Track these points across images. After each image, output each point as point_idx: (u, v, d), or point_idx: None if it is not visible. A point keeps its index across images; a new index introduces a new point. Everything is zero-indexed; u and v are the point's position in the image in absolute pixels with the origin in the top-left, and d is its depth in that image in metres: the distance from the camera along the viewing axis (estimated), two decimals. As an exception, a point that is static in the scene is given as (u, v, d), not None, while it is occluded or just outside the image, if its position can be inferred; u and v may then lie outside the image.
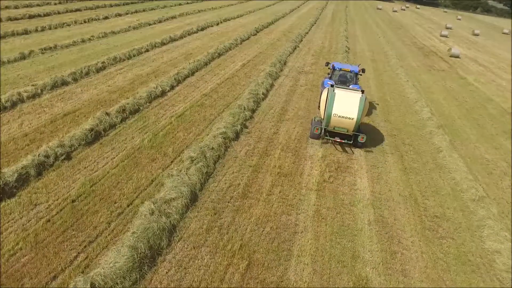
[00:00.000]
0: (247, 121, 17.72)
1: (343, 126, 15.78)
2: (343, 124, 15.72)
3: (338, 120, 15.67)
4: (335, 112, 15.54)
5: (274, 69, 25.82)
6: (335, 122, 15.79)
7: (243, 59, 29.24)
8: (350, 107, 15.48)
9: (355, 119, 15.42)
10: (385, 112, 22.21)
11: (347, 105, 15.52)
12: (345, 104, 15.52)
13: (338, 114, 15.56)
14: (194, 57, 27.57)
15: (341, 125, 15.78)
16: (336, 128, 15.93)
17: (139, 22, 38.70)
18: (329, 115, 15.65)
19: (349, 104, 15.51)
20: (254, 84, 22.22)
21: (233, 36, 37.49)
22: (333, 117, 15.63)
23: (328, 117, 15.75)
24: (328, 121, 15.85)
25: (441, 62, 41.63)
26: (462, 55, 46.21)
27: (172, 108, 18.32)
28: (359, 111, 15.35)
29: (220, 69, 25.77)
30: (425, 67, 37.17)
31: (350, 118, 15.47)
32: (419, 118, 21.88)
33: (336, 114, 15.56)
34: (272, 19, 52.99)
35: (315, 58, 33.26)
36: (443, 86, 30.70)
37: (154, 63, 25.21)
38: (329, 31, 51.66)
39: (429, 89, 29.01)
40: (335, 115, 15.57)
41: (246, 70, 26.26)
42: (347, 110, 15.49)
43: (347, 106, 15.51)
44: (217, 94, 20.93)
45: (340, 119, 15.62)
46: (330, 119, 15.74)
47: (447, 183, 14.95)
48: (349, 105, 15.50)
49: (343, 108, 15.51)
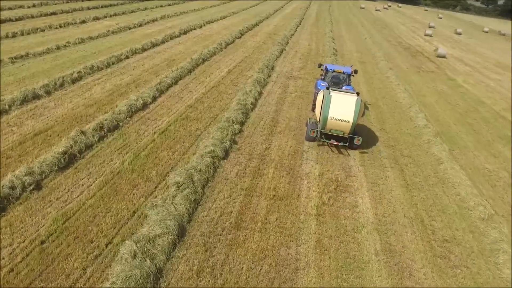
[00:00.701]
0: (236, 135, 16.48)
1: (339, 128, 15.76)
2: (339, 126, 15.70)
3: (334, 122, 15.64)
4: (331, 115, 15.47)
5: (261, 75, 24.61)
6: (331, 125, 15.74)
7: (228, 65, 27.95)
8: (346, 110, 15.41)
9: (351, 122, 15.37)
10: (380, 120, 21.28)
11: (343, 107, 15.43)
12: (341, 107, 15.44)
13: (334, 117, 15.50)
14: (177, 63, 26.14)
15: (337, 127, 15.75)
16: (332, 130, 15.90)
17: (118, 26, 36.96)
18: (325, 118, 15.58)
19: (345, 106, 15.44)
20: (242, 92, 20.99)
21: (217, 39, 36.13)
22: (329, 119, 15.56)
23: (324, 120, 15.68)
24: (324, 123, 15.78)
25: (428, 62, 41.18)
26: (448, 55, 45.92)
27: (154, 122, 16.92)
28: (355, 113, 15.27)
29: (205, 76, 24.43)
30: (413, 69, 36.56)
31: (346, 120, 15.43)
32: (414, 125, 21.02)
33: (332, 117, 15.49)
34: (256, 21, 51.79)
35: (303, 62, 32.19)
36: (434, 89, 30.06)
37: (135, 71, 23.69)
38: (314, 32, 50.75)
39: (420, 92, 28.28)
40: (331, 117, 15.51)
41: (233, 77, 24.99)
42: (343, 112, 15.42)
43: (343, 108, 15.43)
44: (202, 105, 19.61)
45: (336, 121, 15.59)
46: (326, 122, 15.69)
47: (452, 200, 14.03)
48: (345, 107, 15.43)
49: (339, 111, 15.44)
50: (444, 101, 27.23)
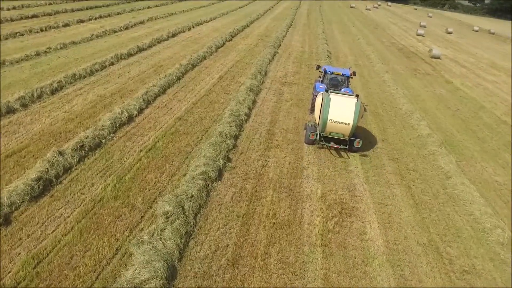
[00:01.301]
0: (230, 151, 15.20)
1: (339, 131, 15.72)
2: (339, 129, 15.65)
3: (334, 125, 15.59)
4: (331, 117, 15.42)
5: (255, 82, 23.35)
6: (331, 128, 15.70)
7: (219, 70, 26.61)
8: (345, 113, 15.35)
9: (351, 124, 15.33)
10: (381, 129, 20.18)
11: (342, 110, 15.39)
12: (341, 110, 15.39)
13: (334, 120, 15.44)
14: (165, 70, 24.73)
15: (337, 130, 15.71)
16: (332, 133, 15.85)
17: (103, 29, 35.34)
18: (324, 120, 15.51)
19: (345, 109, 15.39)
20: (235, 102, 19.70)
21: (207, 42, 34.74)
22: (329, 122, 15.52)
23: (323, 123, 15.62)
24: (324, 126, 15.72)
25: (423, 64, 40.36)
26: (442, 55, 45.16)
27: (141, 138, 15.55)
28: (355, 116, 15.24)
29: (195, 84, 23.07)
30: (410, 71, 35.65)
31: (346, 123, 15.39)
32: (417, 134, 19.98)
33: (332, 119, 15.44)
34: (247, 22, 50.47)
35: (297, 66, 31.00)
36: (432, 93, 29.13)
37: (120, 80, 22.23)
38: (307, 33, 49.63)
39: (419, 97, 27.31)
40: (331, 120, 15.46)
41: (224, 84, 23.68)
42: (343, 115, 15.36)
43: (343, 111, 15.38)
44: (193, 116, 18.28)
45: (336, 124, 15.54)
46: (326, 124, 15.62)
47: (465, 221, 12.95)
48: (345, 110, 15.38)
49: (339, 113, 15.38)
50: (444, 106, 26.30)
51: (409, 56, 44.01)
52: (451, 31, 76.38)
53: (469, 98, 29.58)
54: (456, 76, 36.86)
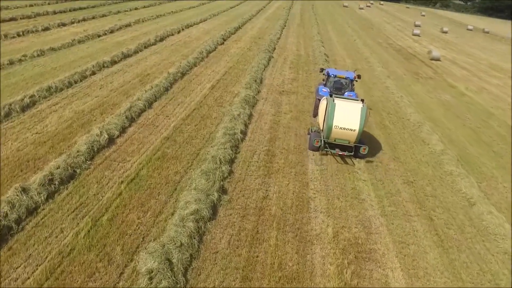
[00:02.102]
0: (225, 180, 13.23)
1: (344, 137, 15.28)
2: (344, 135, 15.22)
3: (339, 132, 15.15)
4: (336, 123, 14.97)
5: (250, 93, 21.39)
6: (336, 134, 15.25)
7: (211, 79, 24.58)
8: (351, 118, 14.90)
9: (357, 130, 14.91)
10: (390, 145, 18.37)
11: (348, 116, 14.92)
12: (346, 115, 14.92)
13: (339, 126, 15.00)
14: (152, 79, 22.65)
15: (342, 136, 15.28)
16: (337, 140, 15.40)
17: (86, 33, 33.04)
18: (329, 127, 15.06)
19: (350, 115, 14.94)
20: (229, 117, 17.71)
21: (197, 47, 32.66)
22: (334, 129, 15.07)
23: (328, 129, 15.16)
24: (329, 133, 15.25)
25: (424, 67, 38.78)
26: (441, 57, 43.59)
27: (122, 166, 13.50)
28: (361, 122, 14.82)
29: (184, 95, 21.03)
30: (411, 75, 33.99)
31: (352, 129, 14.96)
32: (430, 150, 18.23)
33: (337, 125, 14.99)
34: (239, 23, 48.42)
35: (294, 71, 29.10)
36: (438, 100, 27.47)
37: (102, 92, 20.11)
38: (301, 34, 47.76)
39: (425, 105, 25.60)
40: (336, 126, 15.02)
41: (217, 95, 21.67)
42: (348, 121, 14.92)
43: (348, 117, 14.92)
44: (182, 135, 16.26)
45: (341, 130, 15.10)
46: (331, 131, 15.17)
47: (501, 263, 11.18)
48: (350, 116, 14.92)
49: (344, 119, 14.91)
50: (452, 114, 24.64)
51: (408, 58, 42.40)
52: (446, 31, 75.20)
53: (476, 104, 28.00)
54: (458, 79, 35.31)
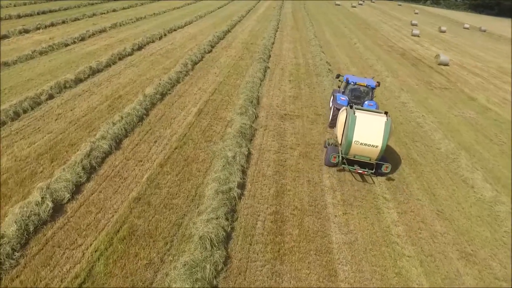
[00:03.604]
0: (219, 275, 9.04)
1: (365, 154, 13.91)
2: (365, 152, 13.85)
3: (359, 148, 13.77)
4: (356, 139, 13.63)
5: (246, 121, 17.18)
6: (356, 150, 13.88)
7: (197, 100, 20.29)
8: (373, 133, 13.56)
9: (380, 147, 13.55)
10: (426, 189, 14.44)
11: (370, 131, 13.58)
12: (368, 130, 13.58)
13: (360, 142, 13.65)
14: (124, 104, 18.29)
15: (363, 153, 13.90)
16: (356, 156, 14.03)
17: (52, 42, 28.42)
18: (349, 142, 13.72)
19: (373, 129, 13.58)
20: (221, 161, 13.48)
21: (181, 56, 28.27)
22: (354, 144, 13.70)
23: (348, 145, 13.81)
24: (348, 148, 13.92)
25: (434, 74, 35.02)
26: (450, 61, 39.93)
27: (69, 256, 9.21)
28: (384, 138, 13.48)
29: (164, 126, 16.72)
30: (424, 85, 30.16)
31: (374, 146, 13.58)
32: (477, 197, 14.36)
33: (357, 141, 13.65)
34: (228, 26, 44.05)
35: (295, 86, 24.95)
36: (462, 118, 23.65)
37: (57, 125, 15.71)
38: (297, 37, 43.63)
39: (451, 125, 21.75)
40: (356, 142, 13.66)
41: (204, 124, 17.40)
42: (370, 137, 13.58)
43: (370, 132, 13.57)
44: (159, 193, 11.99)
45: (362, 147, 13.71)
46: (350, 146, 13.81)
47: None
48: (373, 131, 13.57)
49: (365, 134, 13.57)
50: (483, 137, 20.86)
51: (415, 63, 38.60)
52: (444, 30, 71.89)
53: (504, 121, 24.27)
54: (475, 89, 31.63)
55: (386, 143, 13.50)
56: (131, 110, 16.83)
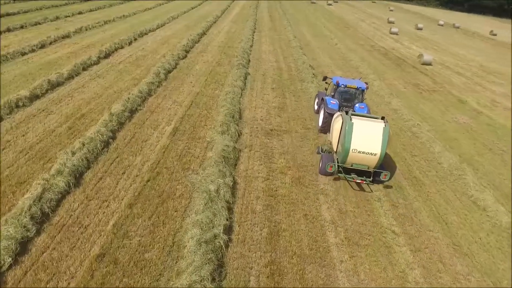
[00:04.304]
0: None
1: (363, 162, 13.28)
2: (363, 160, 13.21)
3: (357, 156, 13.11)
4: (354, 147, 12.93)
5: (228, 142, 15.08)
6: (354, 159, 13.24)
7: (172, 116, 18.03)
8: (372, 141, 12.92)
9: (379, 155, 12.91)
10: (437, 216, 12.81)
11: (368, 138, 12.94)
12: (366, 137, 12.94)
13: (357, 150, 12.96)
14: (87, 125, 15.88)
15: (361, 162, 13.26)
16: (354, 165, 13.40)
17: (7, 50, 25.43)
18: (346, 151, 13.04)
19: (371, 136, 12.95)
20: (202, 198, 11.34)
21: (153, 64, 25.83)
22: (351, 153, 13.03)
23: (345, 153, 13.13)
24: (345, 157, 13.26)
25: (419, 75, 33.86)
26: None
27: None
28: (383, 145, 12.84)
29: (133, 152, 14.41)
30: (412, 88, 28.83)
31: (373, 153, 12.96)
32: (493, 222, 12.89)
33: (355, 149, 12.96)
34: (203, 27, 41.66)
35: (279, 94, 22.99)
36: (457, 124, 22.35)
37: (3, 158, 13.19)
38: (276, 39, 41.71)
39: (448, 134, 20.35)
40: (354, 150, 12.98)
41: (181, 147, 15.19)
42: (368, 144, 12.93)
43: (368, 139, 12.94)
44: (127, 249, 9.75)
45: (360, 155, 13.06)
46: (347, 155, 13.15)
47: None
48: (371, 138, 12.94)
49: (363, 142, 12.91)
50: (483, 146, 19.57)
51: (399, 64, 37.38)
52: (421, 27, 71.55)
53: (500, 127, 23.08)
54: (462, 90, 30.57)
55: (385, 151, 12.90)
56: (95, 134, 14.42)
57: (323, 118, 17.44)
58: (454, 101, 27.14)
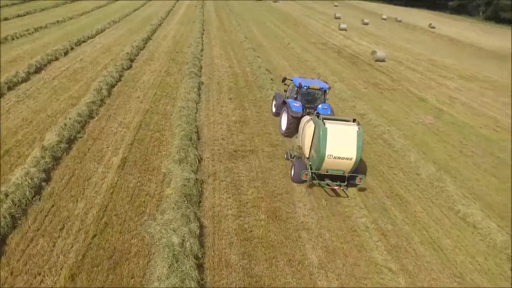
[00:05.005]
0: None
1: (339, 168, 12.84)
2: (339, 166, 12.77)
3: (333, 162, 12.63)
4: (329, 153, 12.46)
5: (188, 172, 12.94)
6: (330, 165, 12.72)
7: (119, 143, 15.48)
8: (347, 145, 12.56)
9: (354, 159, 12.59)
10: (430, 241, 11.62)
11: (343, 142, 12.55)
12: (341, 142, 12.53)
13: (333, 155, 12.51)
14: (12, 165, 12.98)
15: (337, 167, 12.80)
16: (330, 171, 12.89)
17: None
18: (322, 157, 12.51)
19: (345, 141, 12.58)
20: (166, 260, 9.08)
21: (93, 78, 22.85)
22: (327, 159, 12.52)
23: (320, 160, 12.59)
24: (320, 164, 12.70)
25: (376, 72, 33.49)
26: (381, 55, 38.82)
27: None
28: (358, 148, 12.53)
29: (73, 198, 11.81)
30: (373, 88, 28.13)
31: (348, 158, 12.57)
32: (488, 241, 12.06)
33: (331, 155, 12.49)
34: (148, 32, 38.57)
35: (239, 106, 21.06)
36: (423, 126, 21.77)
37: None
38: (227, 40, 39.63)
39: (419, 138, 19.58)
40: (329, 156, 12.50)
41: (132, 184, 12.79)
42: (343, 149, 12.53)
43: (343, 143, 12.55)
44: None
45: (336, 160, 12.59)
46: (323, 161, 12.60)
47: None
48: (345, 142, 12.57)
49: (338, 147, 12.49)
50: (454, 149, 19.02)
51: (354, 62, 36.82)
52: (367, 22, 72.70)
53: (463, 125, 22.84)
54: (419, 87, 30.47)
55: (360, 154, 12.69)
56: (22, 177, 11.66)
57: (287, 122, 16.78)
58: (415, 100, 26.73)
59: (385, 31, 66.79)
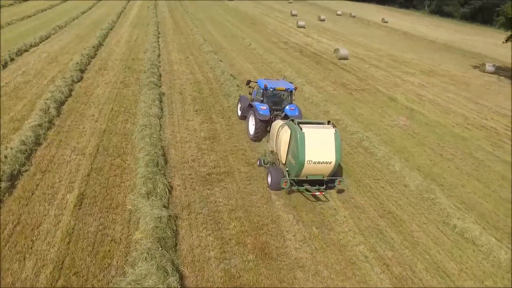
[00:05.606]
0: None
1: (318, 173, 12.56)
2: (318, 170, 12.48)
3: (312, 167, 12.31)
4: (309, 158, 12.11)
5: (159, 209, 11.17)
6: (310, 170, 12.39)
7: (73, 175, 13.34)
8: (325, 149, 12.24)
9: (334, 163, 12.34)
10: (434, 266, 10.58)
11: (321, 146, 12.22)
12: (319, 146, 12.20)
13: (313, 161, 12.18)
14: None
15: (316, 172, 12.51)
16: (309, 176, 12.57)
17: None
18: (301, 163, 12.12)
19: (323, 145, 12.26)
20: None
21: (39, 94, 20.25)
22: (307, 165, 12.17)
23: (299, 166, 12.20)
24: (300, 170, 12.32)
25: (342, 72, 32.86)
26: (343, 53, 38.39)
27: None
28: (337, 151, 12.30)
29: (19, 256, 9.68)
30: (342, 90, 27.34)
31: (328, 162, 12.32)
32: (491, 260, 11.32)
33: (310, 160, 12.15)
34: (99, 37, 35.61)
35: (206, 119, 19.33)
36: (399, 128, 21.15)
37: None
38: (185, 44, 37.52)
39: (397, 143, 18.85)
40: (309, 162, 12.15)
41: (92, 231, 10.78)
42: (322, 153, 12.21)
43: (322, 148, 12.22)
44: None
45: (315, 165, 12.29)
46: (302, 168, 12.22)
47: None
48: (324, 146, 12.25)
49: (317, 151, 12.14)
50: (432, 153, 18.51)
51: (318, 61, 36.05)
52: (323, 19, 72.91)
53: (437, 125, 22.50)
54: (386, 85, 30.12)
55: (339, 157, 12.46)
56: (-49, 234, 9.37)
57: (255, 126, 16.38)
58: (385, 99, 26.22)
59: (342, 27, 67.05)
